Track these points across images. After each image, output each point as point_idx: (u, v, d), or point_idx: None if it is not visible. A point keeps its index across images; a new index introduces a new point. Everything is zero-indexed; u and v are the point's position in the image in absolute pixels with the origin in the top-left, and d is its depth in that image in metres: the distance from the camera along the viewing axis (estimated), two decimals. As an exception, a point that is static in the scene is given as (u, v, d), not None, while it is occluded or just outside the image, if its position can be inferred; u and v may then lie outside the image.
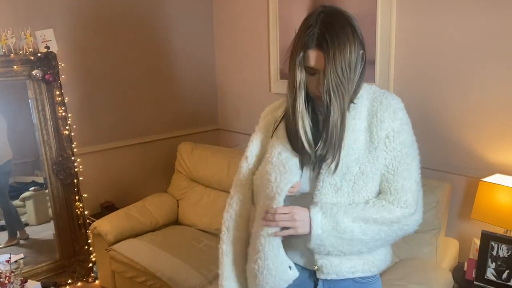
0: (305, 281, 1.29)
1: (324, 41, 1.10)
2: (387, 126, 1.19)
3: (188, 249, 2.56)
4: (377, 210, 1.18)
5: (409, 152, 1.22)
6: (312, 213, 1.17)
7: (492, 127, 2.13)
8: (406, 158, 1.21)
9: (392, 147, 1.20)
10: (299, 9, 2.79)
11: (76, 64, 2.84)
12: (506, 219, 1.93)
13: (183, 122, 3.46)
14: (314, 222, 1.16)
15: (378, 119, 1.20)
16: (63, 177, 2.73)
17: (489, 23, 2.06)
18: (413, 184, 1.22)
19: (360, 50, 1.16)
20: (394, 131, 1.20)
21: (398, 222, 1.20)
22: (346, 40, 1.12)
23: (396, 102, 1.23)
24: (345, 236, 1.17)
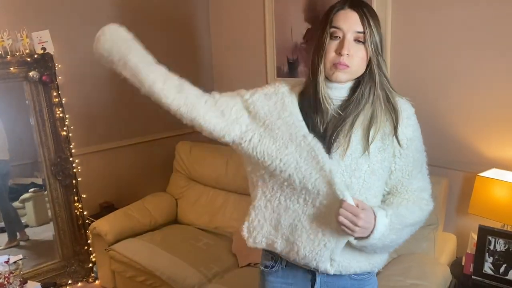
0: (302, 280, 1.29)
1: (361, 4, 1.15)
2: (400, 131, 1.19)
3: (187, 248, 2.57)
4: (415, 214, 1.21)
5: (420, 157, 1.26)
6: (378, 222, 1.12)
7: (488, 122, 2.14)
8: (418, 162, 1.24)
9: (406, 154, 1.21)
10: (294, 7, 2.79)
11: (73, 65, 2.84)
12: (503, 213, 1.95)
13: (181, 121, 3.45)
14: (378, 231, 1.12)
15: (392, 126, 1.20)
16: (61, 178, 2.73)
17: (485, 19, 2.07)
18: (427, 184, 1.27)
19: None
20: (407, 138, 1.21)
21: (424, 221, 1.24)
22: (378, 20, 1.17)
23: (409, 107, 1.25)
24: (391, 244, 1.19)
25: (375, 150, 1.18)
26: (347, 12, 1.14)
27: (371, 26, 1.13)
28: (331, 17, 1.15)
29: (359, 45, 1.14)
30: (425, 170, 1.27)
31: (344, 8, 1.15)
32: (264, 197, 1.26)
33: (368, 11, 1.15)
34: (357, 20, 1.13)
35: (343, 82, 1.19)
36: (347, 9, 1.14)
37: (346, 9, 1.14)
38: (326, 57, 1.16)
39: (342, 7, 1.15)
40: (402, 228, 1.18)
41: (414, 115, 1.25)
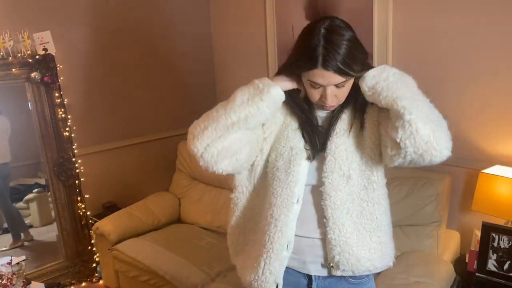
0: (299, 284, 1.30)
1: (333, 61, 1.09)
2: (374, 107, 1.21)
3: (191, 247, 2.57)
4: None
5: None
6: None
7: (491, 118, 2.12)
8: None
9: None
10: (295, 6, 2.79)
11: (75, 65, 2.84)
12: (507, 210, 1.93)
13: (183, 120, 3.43)
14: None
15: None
16: (64, 179, 2.74)
17: (485, 15, 2.05)
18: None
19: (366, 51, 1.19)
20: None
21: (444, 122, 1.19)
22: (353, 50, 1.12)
23: None
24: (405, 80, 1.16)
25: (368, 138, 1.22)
26: (322, 72, 1.11)
27: (350, 72, 1.11)
28: (307, 72, 1.13)
29: (340, 88, 1.15)
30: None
31: (318, 68, 1.10)
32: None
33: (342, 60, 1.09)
34: (334, 76, 1.11)
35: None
36: (321, 69, 1.10)
37: (320, 69, 1.10)
38: (311, 97, 1.19)
39: (316, 66, 1.10)
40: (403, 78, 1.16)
41: None
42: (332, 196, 1.21)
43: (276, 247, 1.22)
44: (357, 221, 1.23)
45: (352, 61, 1.10)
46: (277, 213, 1.22)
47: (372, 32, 2.43)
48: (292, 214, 1.22)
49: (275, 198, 1.23)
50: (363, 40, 1.20)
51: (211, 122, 1.16)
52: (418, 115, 1.07)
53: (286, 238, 1.22)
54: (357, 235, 1.23)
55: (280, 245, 1.22)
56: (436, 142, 1.12)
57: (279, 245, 1.22)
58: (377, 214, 1.26)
